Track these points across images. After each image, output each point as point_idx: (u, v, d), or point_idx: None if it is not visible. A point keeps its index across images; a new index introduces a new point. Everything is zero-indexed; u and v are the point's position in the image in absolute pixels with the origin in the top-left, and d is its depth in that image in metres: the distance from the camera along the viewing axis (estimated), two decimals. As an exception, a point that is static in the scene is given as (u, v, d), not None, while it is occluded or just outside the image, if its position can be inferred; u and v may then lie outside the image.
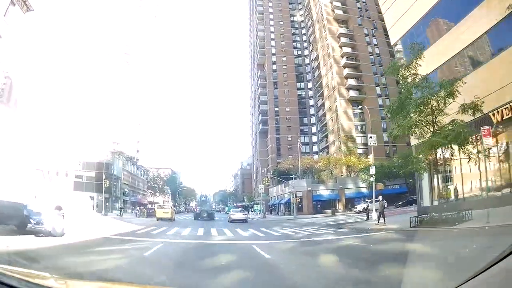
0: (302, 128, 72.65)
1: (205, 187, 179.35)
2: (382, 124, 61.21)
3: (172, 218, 29.78)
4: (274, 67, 76.53)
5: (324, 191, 47.06)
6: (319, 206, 46.79)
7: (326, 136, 65.24)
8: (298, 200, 46.10)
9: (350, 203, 47.64)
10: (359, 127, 61.07)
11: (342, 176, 50.77)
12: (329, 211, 45.99)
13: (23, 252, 5.42)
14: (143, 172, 75.23)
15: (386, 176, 45.31)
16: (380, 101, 63.39)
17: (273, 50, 78.58)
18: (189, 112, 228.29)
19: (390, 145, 60.88)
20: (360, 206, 38.93)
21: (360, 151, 56.85)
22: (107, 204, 43.30)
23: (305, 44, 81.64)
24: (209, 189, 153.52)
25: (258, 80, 77.40)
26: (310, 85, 77.44)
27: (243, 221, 27.14)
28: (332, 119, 63.17)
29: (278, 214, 51.75)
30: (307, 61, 79.93)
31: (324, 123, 67.00)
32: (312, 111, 74.83)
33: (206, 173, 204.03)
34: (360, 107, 56.05)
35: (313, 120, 74.01)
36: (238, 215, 28.24)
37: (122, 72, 71.57)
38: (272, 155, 66.91)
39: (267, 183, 36.56)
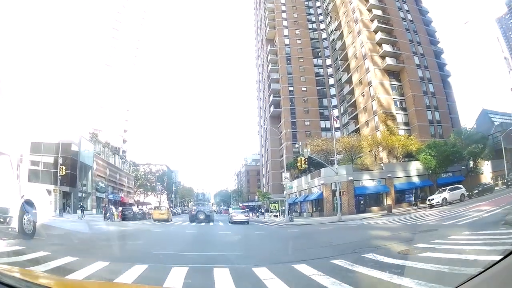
0: (322, 111, 60.36)
1: (205, 187, 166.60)
2: (425, 100, 49.36)
3: (168, 219, 28.47)
4: (287, 41, 64.41)
5: (368, 182, 34.50)
6: (361, 202, 34.34)
7: (355, 117, 52.85)
8: (330, 195, 33.65)
9: (401, 196, 35.36)
10: (398, 102, 48.84)
11: (389, 163, 38.22)
12: (375, 208, 33.65)
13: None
14: (132, 167, 62.82)
15: (445, 161, 33.29)
16: (419, 73, 51.48)
17: (285, 23, 66.58)
18: (187, 106, 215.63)
19: (435, 124, 48.90)
20: (436, 197, 26.67)
21: (401, 132, 44.63)
22: (69, 201, 30.71)
23: (321, 18, 69.82)
24: (210, 190, 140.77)
25: (267, 56, 65.15)
26: (328, 62, 65.37)
27: (245, 222, 25.91)
28: (363, 95, 50.89)
29: (302, 215, 39.16)
30: (323, 35, 67.95)
31: (350, 102, 54.65)
32: (332, 91, 62.58)
33: (206, 173, 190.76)
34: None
35: (334, 102, 61.72)
36: (239, 216, 27.04)
37: (109, 48, 59.34)
38: (287, 143, 54.40)
39: (303, 166, 23.68)
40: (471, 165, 35.94)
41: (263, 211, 48.85)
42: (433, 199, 26.96)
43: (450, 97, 54.58)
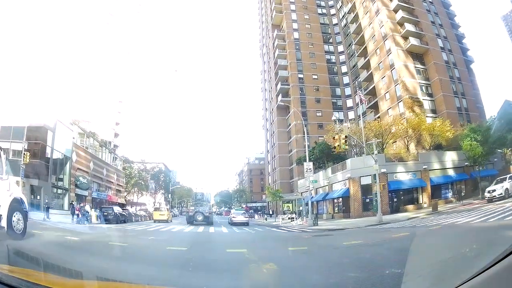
0: (335, 101, 54.65)
1: (205, 188, 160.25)
2: (451, 86, 43.94)
3: (168, 220, 28.41)
4: (295, 25, 58.81)
5: (403, 175, 28.62)
6: (394, 198, 28.46)
7: (375, 106, 47.10)
8: (359, 191, 27.80)
9: (437, 192, 29.78)
10: (423, 87, 43.21)
11: (423, 152, 32.35)
12: (410, 206, 27.96)
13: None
14: (126, 165, 56.95)
15: (490, 148, 27.97)
16: (444, 56, 46.03)
17: (292, 7, 61.04)
18: (187, 103, 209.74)
19: (464, 113, 43.45)
20: (498, 187, 20.97)
21: (428, 120, 38.96)
22: (39, 196, 24.79)
23: (331, 3, 64.37)
24: (211, 191, 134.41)
25: (274, 42, 59.45)
26: (340, 48, 59.78)
27: (245, 224, 25.23)
28: (384, 80, 45.25)
29: (322, 216, 33.03)
30: (334, 21, 62.45)
31: (368, 89, 48.93)
32: (345, 80, 56.87)
33: (207, 173, 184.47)
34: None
35: (347, 91, 55.99)
36: (239, 217, 26.46)
37: (102, 29, 53.72)
38: (297, 136, 48.64)
39: (342, 147, 16.87)
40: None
41: (271, 212, 42.96)
42: (494, 190, 21.03)
43: (474, 85, 49.47)
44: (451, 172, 30.60)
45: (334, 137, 17.71)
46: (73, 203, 23.35)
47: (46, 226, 14.21)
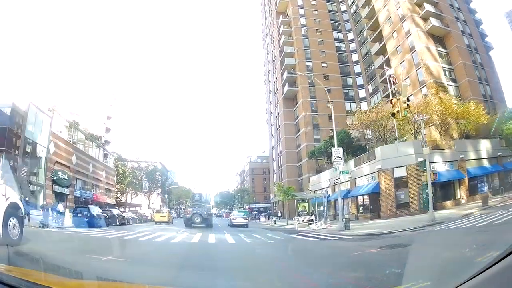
0: (346, 91, 50.33)
1: (204, 189, 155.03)
2: (475, 72, 40.00)
3: (169, 221, 28.42)
4: (301, 11, 54.60)
5: (439, 166, 24.17)
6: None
7: (392, 94, 42.72)
8: (392, 185, 23.31)
9: (473, 185, 25.83)
10: (447, 72, 39.05)
11: (459, 139, 27.95)
12: (448, 202, 23.74)
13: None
14: (119, 162, 52.47)
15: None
16: (465, 40, 42.07)
17: (298, -8, 56.92)
18: (186, 101, 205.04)
19: (489, 100, 39.45)
20: None
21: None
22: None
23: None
24: (211, 192, 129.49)
25: (279, 29, 55.12)
26: (350, 36, 55.61)
27: (244, 225, 25.36)
28: (403, 65, 41.08)
29: (340, 218, 28.36)
30: (343, 8, 58.33)
31: (384, 77, 44.61)
32: (357, 69, 52.58)
33: (206, 174, 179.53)
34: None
35: (359, 81, 51.71)
36: (239, 219, 26.66)
37: (99, 17, 49.38)
38: (307, 129, 44.26)
39: (403, 113, 11.73)
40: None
41: (279, 214, 38.39)
42: None
43: (494, 73, 45.58)
44: (486, 163, 26.63)
45: (391, 100, 13.12)
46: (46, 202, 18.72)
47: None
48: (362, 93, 51.05)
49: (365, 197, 26.09)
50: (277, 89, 54.62)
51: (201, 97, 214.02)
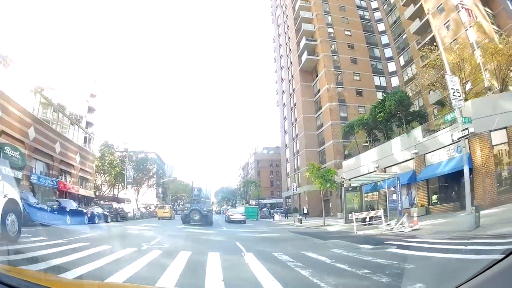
0: (373, 63, 42.51)
1: (205, 185, 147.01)
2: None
3: (171, 216, 30.12)
4: (318, -27, 46.63)
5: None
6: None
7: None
8: (491, 159, 15.34)
9: None
10: (497, 36, 31.29)
11: None
12: None
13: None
14: (105, 149, 44.56)
15: None
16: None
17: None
18: (186, 93, 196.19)
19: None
20: None
21: None
22: None
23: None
24: (211, 188, 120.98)
25: (293, -7, 47.05)
26: (374, 5, 47.78)
27: (242, 221, 25.93)
28: (447, 27, 33.30)
29: (402, 212, 19.97)
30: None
31: (422, 43, 36.81)
32: (384, 39, 44.74)
33: (207, 169, 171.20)
34: None
35: (387, 53, 43.89)
36: (236, 215, 27.55)
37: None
38: (331, 104, 36.33)
39: None
40: None
41: (305, 210, 30.52)
42: None
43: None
44: None
45: None
46: None
47: None
48: (391, 66, 43.29)
49: (441, 180, 18.20)
50: (291, 62, 46.60)
51: (203, 87, 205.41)
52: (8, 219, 6.22)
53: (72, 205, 16.87)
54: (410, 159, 19.90)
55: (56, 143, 25.74)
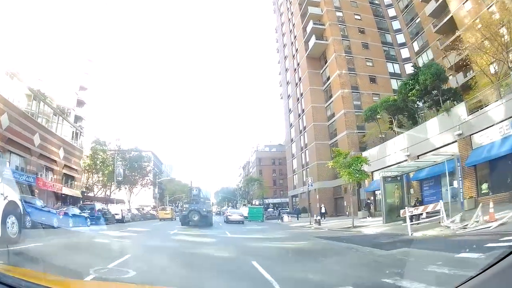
0: (386, 49, 39.51)
1: (204, 185, 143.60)
2: None
3: (172, 218, 31.58)
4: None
5: None
6: None
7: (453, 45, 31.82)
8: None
9: None
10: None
11: None
12: None
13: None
14: (96, 145, 41.20)
15: None
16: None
17: None
18: (184, 92, 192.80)
19: None
20: None
21: None
22: None
23: None
24: (211, 189, 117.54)
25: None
26: (383, -11, 44.81)
27: (240, 222, 26.06)
28: (467, 5, 30.26)
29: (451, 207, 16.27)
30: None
31: (438, 26, 33.74)
32: (396, 25, 41.80)
33: (206, 170, 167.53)
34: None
35: (400, 39, 40.91)
36: (235, 216, 27.79)
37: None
38: (344, 91, 33.21)
39: None
40: None
41: (323, 209, 27.14)
42: None
43: None
44: None
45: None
46: None
47: None
48: (405, 53, 40.32)
49: (494, 164, 14.98)
50: (296, 50, 43.40)
51: (201, 83, 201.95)
52: (8, 221, 6.35)
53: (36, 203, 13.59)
54: (453, 142, 16.68)
55: (35, 135, 22.33)
